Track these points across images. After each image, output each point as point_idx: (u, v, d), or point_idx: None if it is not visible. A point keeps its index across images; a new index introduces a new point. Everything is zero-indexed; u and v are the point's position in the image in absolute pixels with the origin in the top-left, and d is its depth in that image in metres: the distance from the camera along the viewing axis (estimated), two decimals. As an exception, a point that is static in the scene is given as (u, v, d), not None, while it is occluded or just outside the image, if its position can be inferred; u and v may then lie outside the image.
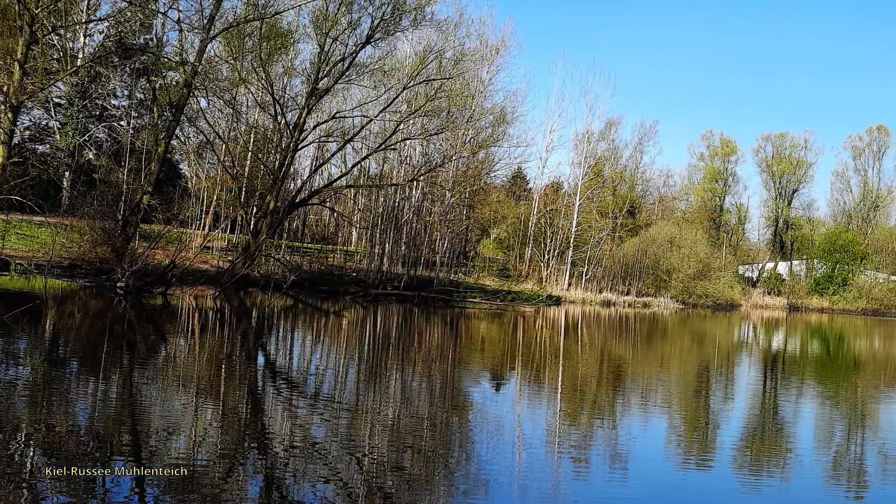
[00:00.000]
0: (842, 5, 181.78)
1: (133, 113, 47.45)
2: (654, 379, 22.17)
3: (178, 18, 37.08)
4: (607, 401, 17.46)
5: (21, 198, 25.84)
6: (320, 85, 40.19)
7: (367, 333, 28.69)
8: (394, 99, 42.78)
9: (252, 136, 48.45)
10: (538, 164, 70.60)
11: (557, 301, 56.48)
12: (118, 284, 29.76)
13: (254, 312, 32.07)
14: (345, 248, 58.32)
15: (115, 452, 9.82)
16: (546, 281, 61.71)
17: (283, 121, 41.25)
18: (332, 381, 17.40)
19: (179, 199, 48.35)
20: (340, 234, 64.99)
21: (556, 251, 64.19)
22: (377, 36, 40.50)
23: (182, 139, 48.63)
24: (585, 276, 64.00)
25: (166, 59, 39.43)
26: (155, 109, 40.45)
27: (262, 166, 45.98)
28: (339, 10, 39.12)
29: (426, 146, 52.76)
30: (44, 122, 48.29)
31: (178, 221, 41.66)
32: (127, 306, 27.04)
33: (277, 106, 40.40)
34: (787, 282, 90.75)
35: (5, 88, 30.89)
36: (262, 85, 39.92)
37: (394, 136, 44.60)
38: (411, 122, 45.96)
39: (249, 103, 47.99)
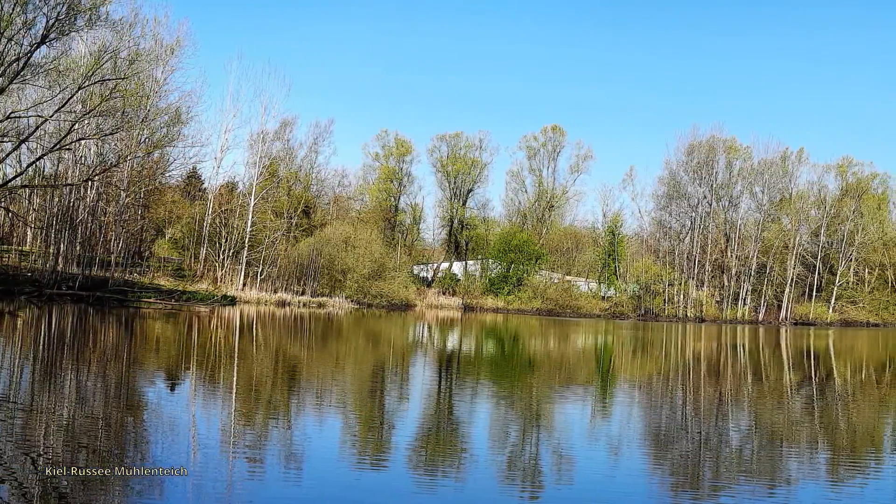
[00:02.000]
0: (519, 6, 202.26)
1: None
2: (330, 379, 23.77)
3: None
4: (282, 401, 18.86)
5: None
6: (-6, 85, 45.38)
7: (42, 333, 31.47)
8: (69, 99, 48.33)
9: (-72, 136, 51.27)
10: (213, 165, 77.03)
11: (233, 301, 63.47)
12: None
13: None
14: (20, 248, 62.73)
15: None
16: (221, 281, 68.61)
17: (-41, 121, 45.83)
18: (7, 382, 18.55)
19: None
20: (15, 235, 68.46)
21: (232, 251, 71.19)
22: (52, 36, 46.14)
23: None
24: (260, 276, 71.67)
25: None
26: None
27: (-62, 167, 49.71)
28: (13, 9, 44.20)
29: (101, 146, 58.63)
30: None
31: None
32: None
33: (-48, 106, 44.94)
34: (462, 282, 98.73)
35: None
36: (-62, 85, 44.24)
37: (68, 136, 50.05)
38: (86, 122, 51.95)
39: (-75, 104, 51.27)
